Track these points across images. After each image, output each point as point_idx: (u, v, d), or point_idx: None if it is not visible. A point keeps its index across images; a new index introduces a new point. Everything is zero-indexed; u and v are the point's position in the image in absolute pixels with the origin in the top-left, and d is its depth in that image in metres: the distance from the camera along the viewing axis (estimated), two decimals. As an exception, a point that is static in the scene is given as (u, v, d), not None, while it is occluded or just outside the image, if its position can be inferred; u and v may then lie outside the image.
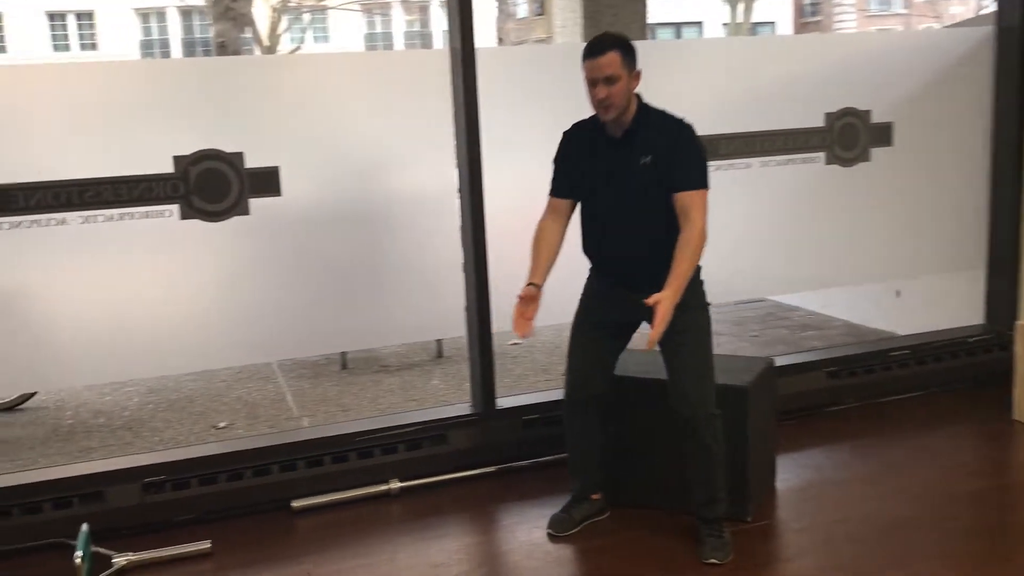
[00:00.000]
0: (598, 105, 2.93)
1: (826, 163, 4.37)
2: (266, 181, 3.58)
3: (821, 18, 39.99)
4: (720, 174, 4.11)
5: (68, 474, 3.48)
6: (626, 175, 3.00)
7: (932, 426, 4.21)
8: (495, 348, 3.87)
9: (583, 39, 8.48)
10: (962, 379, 4.63)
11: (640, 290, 2.93)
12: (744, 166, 4.24)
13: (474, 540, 3.39)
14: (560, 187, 3.17)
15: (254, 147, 3.54)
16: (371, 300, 3.79)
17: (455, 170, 3.79)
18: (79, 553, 3.02)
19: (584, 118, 3.14)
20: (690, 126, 3.00)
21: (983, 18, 5.44)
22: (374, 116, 3.72)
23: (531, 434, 3.89)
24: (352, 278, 3.77)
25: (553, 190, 3.18)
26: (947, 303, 5.27)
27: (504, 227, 3.76)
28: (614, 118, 2.95)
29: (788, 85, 4.30)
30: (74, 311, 3.47)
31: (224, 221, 3.54)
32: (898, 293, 5.78)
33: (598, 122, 3.05)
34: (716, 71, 4.21)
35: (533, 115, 3.80)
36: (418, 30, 37.43)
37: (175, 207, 3.47)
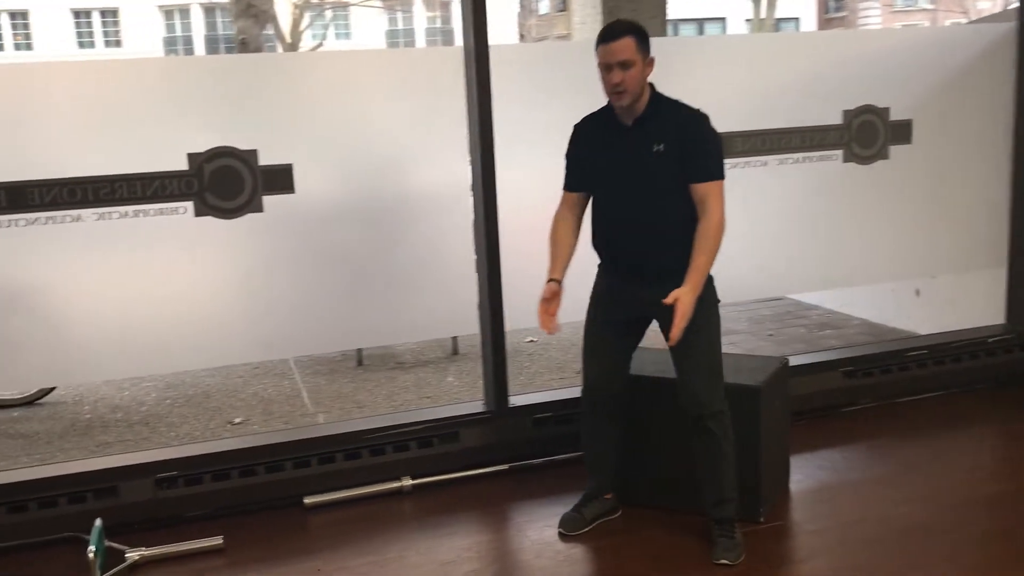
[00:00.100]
0: (612, 90, 2.91)
1: (843, 161, 4.33)
2: (280, 178, 3.59)
3: (846, 14, 39.68)
4: (736, 172, 4.08)
5: (83, 469, 3.51)
6: (637, 162, 2.98)
7: (950, 427, 4.16)
8: (510, 346, 3.86)
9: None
10: (982, 380, 4.58)
11: (648, 282, 2.96)
12: (761, 164, 4.21)
13: (485, 538, 3.39)
14: (573, 180, 3.17)
15: (268, 144, 3.55)
16: (385, 297, 3.79)
17: (469, 167, 3.79)
18: (92, 548, 3.05)
19: (594, 111, 3.13)
20: (706, 116, 2.99)
21: (1008, 13, 5.35)
22: (388, 114, 3.72)
23: (543, 432, 3.89)
24: (366, 275, 3.77)
25: (566, 184, 3.19)
26: (968, 302, 5.21)
27: (518, 225, 3.75)
28: (628, 104, 2.93)
29: (806, 82, 4.26)
30: (90, 307, 3.50)
31: (238, 218, 3.56)
32: (918, 292, 5.72)
33: (608, 112, 3.05)
34: (732, 68, 4.17)
35: (547, 113, 3.77)
36: (439, 27, 37.47)
37: (189, 204, 3.49)
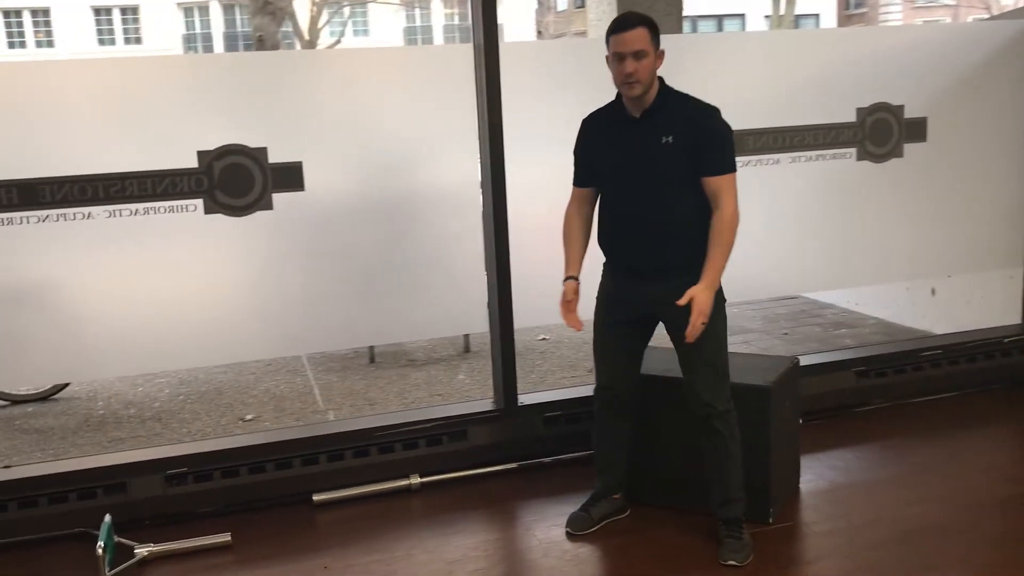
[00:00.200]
0: (625, 80, 2.89)
1: (857, 159, 4.29)
2: (290, 176, 3.59)
3: (866, 10, 39.34)
4: (748, 170, 4.06)
5: (93, 465, 3.53)
6: (645, 153, 2.97)
7: (964, 428, 4.11)
8: (522, 344, 3.86)
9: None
10: (997, 380, 4.53)
11: (654, 279, 2.98)
12: (773, 162, 4.18)
13: (492, 537, 3.38)
14: (582, 175, 3.17)
15: (278, 142, 3.56)
16: (394, 295, 3.79)
17: (479, 165, 3.78)
18: (101, 543, 3.07)
19: (602, 106, 3.13)
20: (716, 109, 2.98)
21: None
22: (398, 111, 3.72)
23: (553, 431, 3.88)
24: (376, 273, 3.77)
25: (576, 180, 3.19)
26: (984, 302, 5.16)
27: (530, 222, 3.75)
28: (639, 95, 2.92)
29: (819, 79, 4.22)
30: (101, 304, 3.51)
31: (248, 216, 3.57)
32: (933, 291, 5.67)
33: (616, 106, 3.05)
34: (745, 65, 4.14)
35: (558, 110, 3.75)
36: (457, 23, 37.45)
37: (199, 202, 3.50)
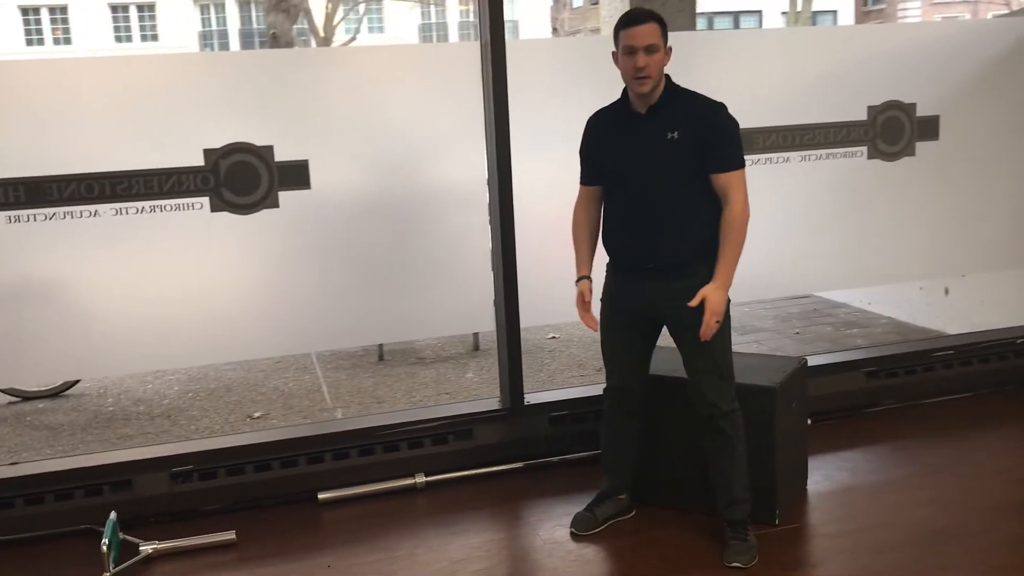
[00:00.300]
0: (636, 74, 2.87)
1: (868, 157, 4.25)
2: (296, 174, 3.59)
3: (884, 6, 39.05)
4: (757, 168, 4.03)
5: (99, 462, 3.54)
6: (651, 150, 2.95)
7: (976, 430, 4.07)
8: (531, 342, 3.84)
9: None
10: (1010, 381, 4.48)
11: (658, 278, 2.97)
12: (783, 160, 4.15)
13: (496, 536, 3.37)
14: (588, 174, 3.17)
15: (284, 140, 3.56)
16: (401, 294, 3.78)
17: (486, 163, 3.77)
18: (105, 540, 3.08)
19: (607, 104, 3.12)
20: (723, 105, 2.96)
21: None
22: (405, 109, 3.71)
23: (559, 430, 3.86)
24: (382, 271, 3.77)
25: (583, 178, 3.19)
26: (998, 302, 5.11)
27: (538, 221, 3.74)
28: (648, 91, 2.90)
29: (830, 77, 4.19)
30: (109, 301, 3.52)
31: (254, 214, 3.57)
32: (947, 291, 5.62)
33: (622, 103, 3.04)
34: (754, 63, 4.11)
35: (567, 109, 3.74)
36: (472, 20, 37.43)
37: (205, 200, 3.50)
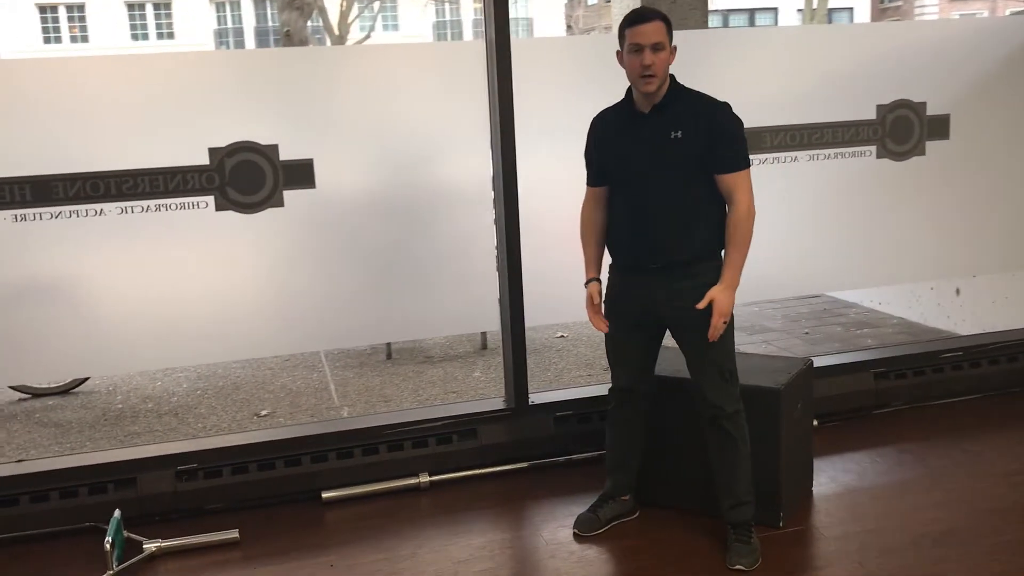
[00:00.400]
0: (642, 72, 2.86)
1: (877, 157, 4.22)
2: (301, 173, 3.59)
3: (901, 3, 38.77)
4: (765, 168, 4.01)
5: (104, 460, 3.55)
6: (654, 149, 2.94)
7: (985, 431, 4.03)
8: (539, 341, 3.84)
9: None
10: (1020, 383, 4.44)
11: (662, 278, 2.96)
12: (791, 160, 4.12)
13: (499, 537, 3.36)
14: (594, 174, 3.16)
15: (289, 139, 3.56)
16: (406, 293, 3.78)
17: (491, 162, 3.76)
18: (109, 538, 3.09)
19: (610, 105, 3.12)
20: (728, 105, 2.95)
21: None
22: (410, 109, 3.70)
23: (564, 430, 3.85)
24: (387, 271, 3.76)
25: (589, 179, 3.18)
26: (1010, 303, 5.07)
27: (545, 221, 3.73)
28: (654, 89, 2.89)
29: (838, 76, 4.15)
30: (114, 300, 3.53)
31: (259, 213, 3.57)
32: (958, 291, 5.58)
33: (625, 103, 3.04)
34: (763, 61, 4.08)
35: (573, 108, 3.73)
36: (487, 18, 37.38)
37: (210, 199, 3.51)
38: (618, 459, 3.35)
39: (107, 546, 3.07)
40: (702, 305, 2.88)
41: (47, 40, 34.27)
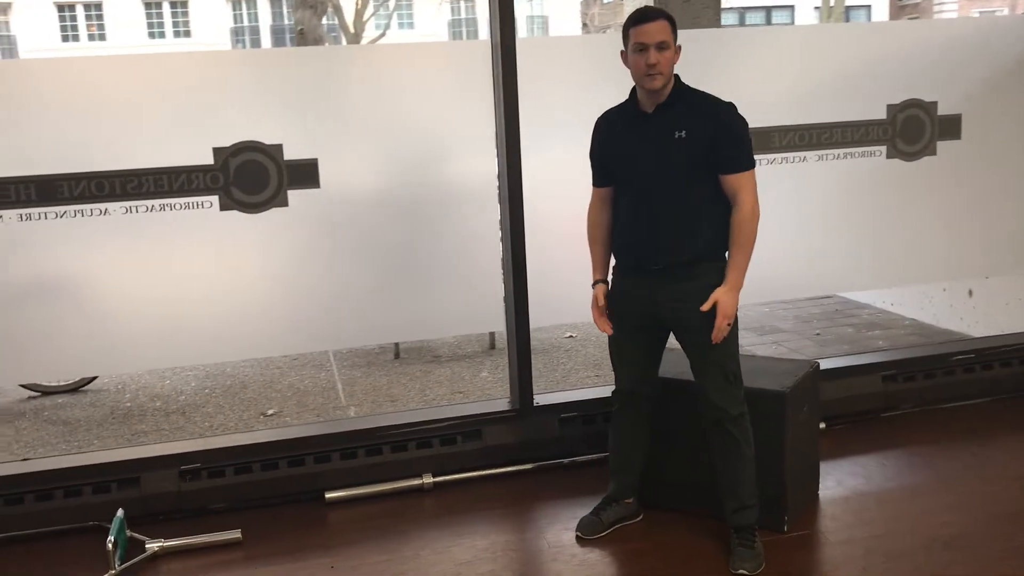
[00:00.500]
0: (647, 71, 2.84)
1: (887, 157, 4.18)
2: (305, 173, 3.58)
3: (919, 1, 38.48)
4: (773, 168, 3.97)
5: (108, 459, 3.56)
6: (658, 148, 2.93)
7: (994, 436, 3.99)
8: (548, 341, 3.81)
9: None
10: (1032, 386, 4.39)
11: (664, 280, 2.95)
12: (799, 160, 4.08)
13: (502, 539, 3.34)
14: (599, 175, 3.15)
15: (294, 139, 3.55)
16: (412, 293, 3.77)
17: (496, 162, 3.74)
18: (111, 538, 3.10)
19: (614, 105, 3.10)
20: (733, 105, 2.93)
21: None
22: (416, 108, 3.69)
23: (569, 432, 3.83)
24: (391, 271, 3.75)
25: (594, 180, 3.17)
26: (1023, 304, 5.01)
27: (552, 221, 3.71)
28: (659, 88, 2.88)
29: (849, 75, 4.11)
30: (120, 299, 3.54)
31: (263, 213, 3.56)
32: (970, 293, 5.52)
33: (629, 103, 3.02)
34: (772, 60, 4.04)
35: (577, 108, 3.71)
36: (502, 16, 37.34)
37: (215, 198, 3.51)
38: (621, 462, 3.33)
39: (109, 546, 3.08)
40: (706, 307, 2.87)
41: (65, 39, 34.48)
